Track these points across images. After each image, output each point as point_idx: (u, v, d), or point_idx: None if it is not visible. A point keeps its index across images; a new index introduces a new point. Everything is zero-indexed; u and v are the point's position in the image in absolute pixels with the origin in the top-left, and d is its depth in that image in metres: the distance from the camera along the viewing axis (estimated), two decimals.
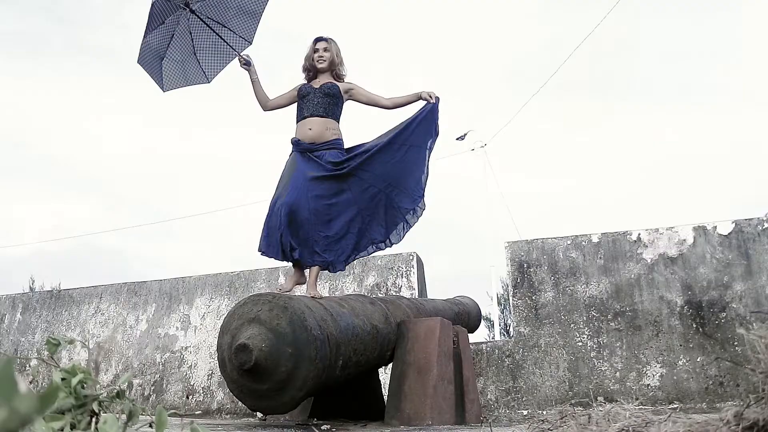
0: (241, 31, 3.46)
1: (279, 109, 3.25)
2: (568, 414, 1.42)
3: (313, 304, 2.49)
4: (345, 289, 4.84)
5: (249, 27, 3.48)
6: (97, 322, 5.54)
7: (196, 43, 3.46)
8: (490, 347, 4.37)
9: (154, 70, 3.42)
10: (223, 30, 3.40)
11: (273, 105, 3.24)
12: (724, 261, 4.07)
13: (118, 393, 0.92)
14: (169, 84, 3.49)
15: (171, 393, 4.98)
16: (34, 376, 5.31)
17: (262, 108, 3.26)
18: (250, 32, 3.48)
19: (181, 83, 3.53)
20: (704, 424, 1.08)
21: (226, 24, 3.42)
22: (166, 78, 3.46)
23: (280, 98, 3.24)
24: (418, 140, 3.06)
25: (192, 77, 3.56)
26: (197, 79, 3.57)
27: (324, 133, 3.01)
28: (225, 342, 2.35)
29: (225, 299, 5.14)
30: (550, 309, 4.30)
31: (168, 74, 3.47)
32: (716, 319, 3.96)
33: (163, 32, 3.34)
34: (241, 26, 3.46)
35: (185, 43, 3.45)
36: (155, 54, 3.38)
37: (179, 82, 3.53)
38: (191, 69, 3.53)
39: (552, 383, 4.12)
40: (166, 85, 3.48)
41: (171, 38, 3.39)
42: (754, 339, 1.04)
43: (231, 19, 3.43)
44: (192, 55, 3.49)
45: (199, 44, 3.48)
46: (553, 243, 4.47)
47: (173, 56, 3.45)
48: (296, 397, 2.28)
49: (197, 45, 3.47)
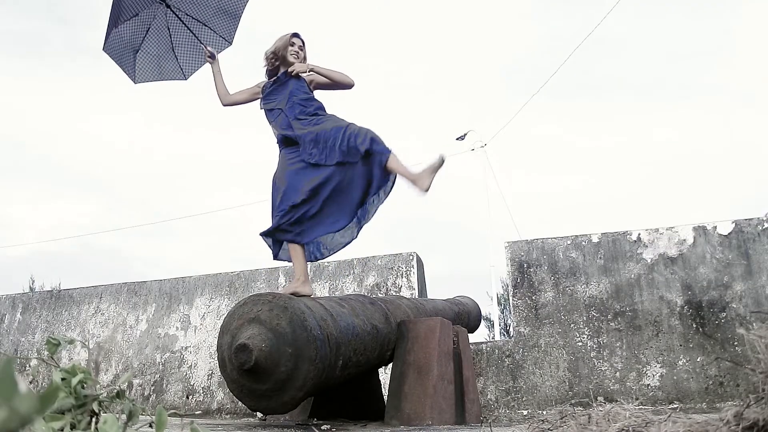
0: (221, 31, 3.48)
1: (238, 105, 3.21)
2: (568, 414, 1.42)
3: (313, 304, 2.49)
4: (345, 289, 4.84)
5: (229, 27, 3.49)
6: (97, 322, 5.54)
7: (174, 38, 3.47)
8: (490, 347, 4.37)
9: (125, 62, 3.42)
10: (204, 29, 3.41)
11: (232, 100, 3.20)
12: (724, 261, 4.07)
13: (118, 393, 0.92)
14: (142, 77, 3.50)
15: (171, 393, 4.98)
16: (34, 376, 5.30)
17: (221, 102, 3.21)
18: (230, 33, 3.51)
19: (155, 77, 3.55)
20: (704, 424, 1.08)
21: (207, 23, 3.44)
22: (139, 71, 3.47)
23: (239, 94, 3.19)
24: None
25: (168, 72, 3.57)
26: (173, 75, 3.59)
27: None
28: (225, 342, 2.35)
29: (225, 299, 5.14)
30: (550, 309, 4.30)
31: (142, 67, 3.48)
32: (716, 319, 3.96)
33: (137, 24, 3.34)
34: (221, 26, 3.48)
35: (163, 38, 3.46)
36: (128, 46, 3.38)
37: (153, 76, 3.54)
38: (168, 64, 3.54)
39: (552, 383, 4.12)
40: (139, 78, 3.49)
41: (146, 32, 3.39)
42: (754, 339, 1.04)
43: (211, 19, 3.45)
44: (170, 50, 3.50)
45: (178, 40, 3.48)
46: (553, 243, 4.47)
47: (149, 50, 3.46)
48: (296, 397, 2.28)
49: (176, 41, 3.48)
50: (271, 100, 3.04)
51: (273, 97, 3.03)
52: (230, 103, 3.20)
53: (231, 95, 3.20)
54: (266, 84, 3.10)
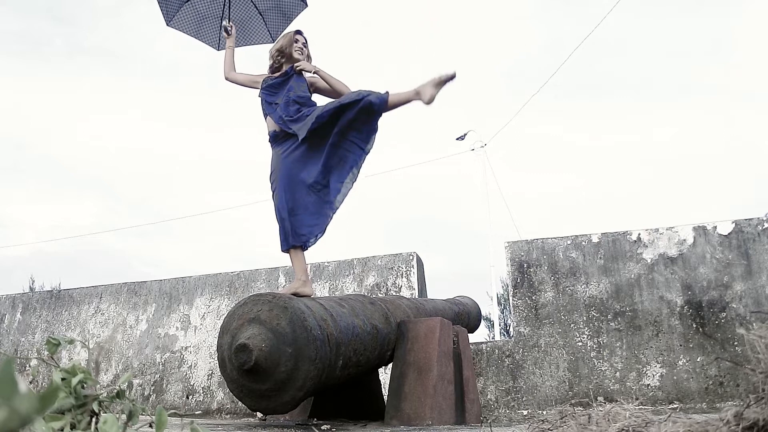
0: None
1: (237, 84, 3.25)
2: (568, 414, 1.42)
3: (313, 304, 2.49)
4: (345, 289, 4.84)
5: None
6: (97, 322, 5.54)
7: (232, 9, 3.44)
8: (490, 347, 4.37)
9: (208, 32, 3.45)
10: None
11: (234, 78, 3.25)
12: (724, 261, 4.07)
13: (118, 393, 0.92)
14: (178, 24, 3.47)
15: (171, 393, 4.98)
16: (34, 376, 5.30)
17: (224, 75, 3.26)
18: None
19: (189, 31, 3.51)
20: (704, 424, 1.08)
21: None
22: (178, 16, 3.44)
23: (243, 75, 3.25)
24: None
25: (204, 35, 3.53)
26: (208, 40, 3.55)
27: None
28: (225, 342, 2.35)
29: (225, 299, 5.14)
30: (550, 309, 4.30)
31: (182, 16, 3.45)
32: (716, 319, 3.96)
33: None
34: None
35: (216, 3, 3.44)
36: (209, 17, 3.42)
37: (188, 29, 3.51)
38: (208, 28, 3.51)
39: (552, 383, 4.12)
40: (174, 22, 3.46)
41: (224, 3, 3.40)
42: (754, 339, 1.04)
43: None
44: (218, 18, 3.48)
45: (234, 13, 3.45)
46: (553, 243, 4.47)
47: (197, 6, 3.45)
48: (296, 397, 2.28)
49: (230, 12, 3.44)
50: (271, 93, 3.08)
51: (273, 90, 3.08)
52: (232, 79, 3.26)
53: (235, 73, 3.26)
54: (269, 77, 3.15)
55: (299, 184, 2.87)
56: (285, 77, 3.09)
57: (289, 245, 2.86)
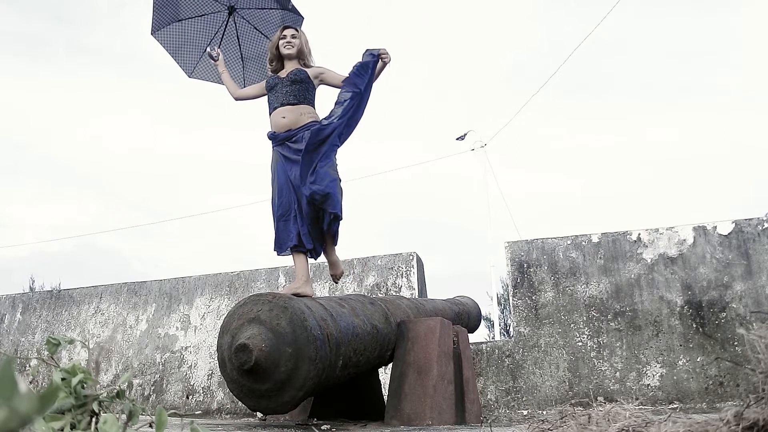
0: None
1: (249, 99, 3.29)
2: (568, 414, 1.42)
3: (313, 304, 2.49)
4: (345, 289, 4.84)
5: None
6: (97, 322, 5.54)
7: (243, 49, 3.65)
8: (490, 347, 4.37)
9: (182, 55, 3.59)
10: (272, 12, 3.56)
11: (242, 94, 3.29)
12: (724, 261, 4.07)
13: (118, 393, 0.92)
14: (161, 37, 3.59)
15: (171, 393, 4.98)
16: (34, 376, 5.30)
17: (233, 97, 3.32)
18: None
19: (169, 48, 3.64)
20: (704, 424, 1.08)
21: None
22: (165, 30, 3.57)
23: (249, 89, 3.31)
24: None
25: (181, 58, 3.68)
26: (183, 64, 3.69)
27: (299, 119, 2.96)
28: (225, 342, 2.35)
29: (225, 299, 5.14)
30: (550, 309, 4.30)
31: (169, 32, 3.59)
32: (716, 319, 3.96)
33: (202, 24, 3.54)
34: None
35: (232, 46, 3.62)
36: (192, 44, 3.58)
37: (169, 46, 3.63)
38: (187, 53, 3.66)
39: (552, 383, 4.12)
40: (158, 34, 3.58)
41: (214, 36, 3.57)
42: (754, 339, 1.04)
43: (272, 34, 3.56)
44: (200, 48, 3.63)
45: (247, 52, 3.66)
46: (553, 243, 4.47)
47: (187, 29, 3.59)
48: (296, 397, 2.28)
49: (245, 52, 3.66)
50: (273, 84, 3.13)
51: (274, 81, 3.12)
52: (242, 97, 3.30)
53: (240, 90, 3.32)
54: (270, 78, 3.19)
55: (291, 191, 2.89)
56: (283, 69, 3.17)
57: (277, 251, 2.96)
